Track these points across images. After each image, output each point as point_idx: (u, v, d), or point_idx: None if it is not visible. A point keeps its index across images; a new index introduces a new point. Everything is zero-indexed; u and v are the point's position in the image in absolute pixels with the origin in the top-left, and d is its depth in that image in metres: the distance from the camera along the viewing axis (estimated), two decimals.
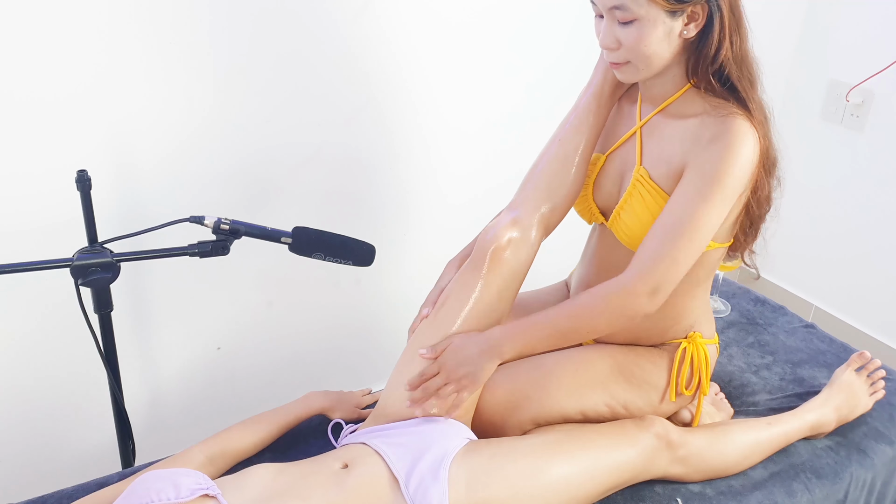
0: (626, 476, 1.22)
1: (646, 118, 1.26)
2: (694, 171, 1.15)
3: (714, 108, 1.16)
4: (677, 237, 1.13)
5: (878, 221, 2.23)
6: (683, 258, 1.14)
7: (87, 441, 1.73)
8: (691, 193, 1.14)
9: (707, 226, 1.14)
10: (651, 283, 1.14)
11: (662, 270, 1.14)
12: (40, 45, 1.37)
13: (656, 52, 1.12)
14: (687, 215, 1.13)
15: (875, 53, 2.12)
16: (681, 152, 1.18)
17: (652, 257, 1.14)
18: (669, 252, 1.14)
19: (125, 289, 1.60)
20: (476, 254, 1.27)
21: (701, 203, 1.13)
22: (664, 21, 1.10)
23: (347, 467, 1.12)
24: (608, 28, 1.13)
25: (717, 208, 1.14)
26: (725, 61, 1.14)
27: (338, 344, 2.00)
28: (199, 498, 1.02)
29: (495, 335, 1.20)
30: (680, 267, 1.15)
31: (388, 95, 1.78)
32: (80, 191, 1.22)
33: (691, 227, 1.13)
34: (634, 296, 1.15)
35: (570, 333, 1.21)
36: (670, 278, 1.15)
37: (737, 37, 1.14)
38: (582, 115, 1.29)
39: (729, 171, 1.12)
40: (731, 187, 1.13)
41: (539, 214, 1.28)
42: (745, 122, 1.13)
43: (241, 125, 1.62)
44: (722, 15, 1.11)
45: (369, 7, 1.66)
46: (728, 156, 1.12)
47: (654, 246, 1.15)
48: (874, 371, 1.48)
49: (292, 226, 1.31)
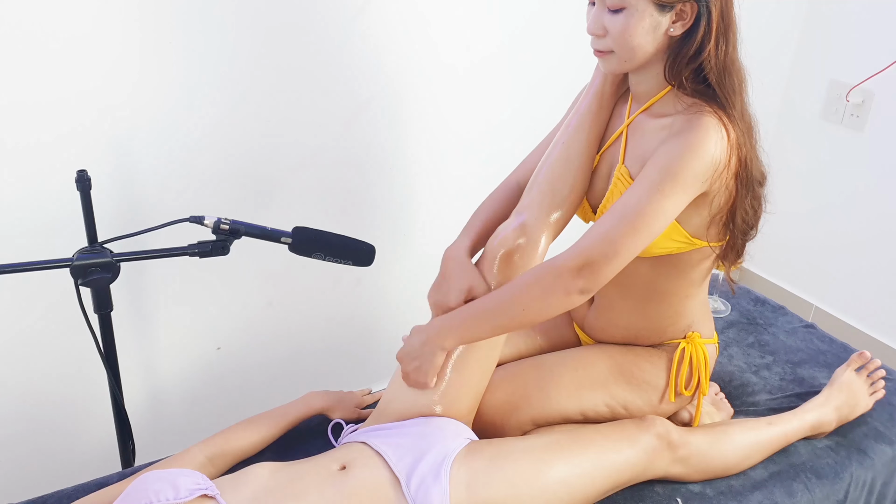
0: (626, 476, 1.22)
1: (632, 117, 1.26)
2: (652, 162, 1.14)
3: (687, 108, 1.15)
4: (619, 222, 1.11)
5: (878, 221, 2.23)
6: (623, 243, 1.11)
7: (87, 441, 1.73)
8: (644, 183, 1.12)
9: (655, 215, 1.11)
10: (580, 260, 1.11)
11: (596, 250, 1.11)
12: (40, 46, 1.37)
13: (640, 44, 1.12)
14: (634, 203, 1.12)
15: (875, 53, 2.12)
16: (652, 150, 1.18)
17: (588, 237, 1.13)
18: (607, 234, 1.11)
19: (125, 289, 1.60)
20: (485, 259, 1.27)
21: (651, 193, 1.11)
22: (652, 14, 1.10)
23: (347, 468, 1.12)
24: (597, 15, 1.14)
25: (669, 199, 1.11)
26: (706, 63, 1.12)
27: (338, 344, 2.00)
28: (197, 498, 1.02)
29: (434, 327, 1.21)
30: (618, 251, 1.11)
31: (388, 96, 1.79)
32: (80, 191, 1.22)
33: (636, 215, 1.11)
34: (562, 272, 1.12)
35: (505, 317, 1.17)
36: (604, 260, 1.11)
37: (723, 41, 1.12)
38: (584, 117, 1.29)
39: (684, 163, 1.10)
40: (685, 180, 1.11)
41: (546, 217, 1.28)
42: (712, 119, 1.12)
43: (241, 125, 1.62)
44: (710, 18, 1.10)
45: (369, 7, 1.66)
46: (686, 149, 1.11)
47: (595, 228, 1.14)
48: (874, 371, 1.48)
49: (292, 226, 1.31)
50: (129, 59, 1.46)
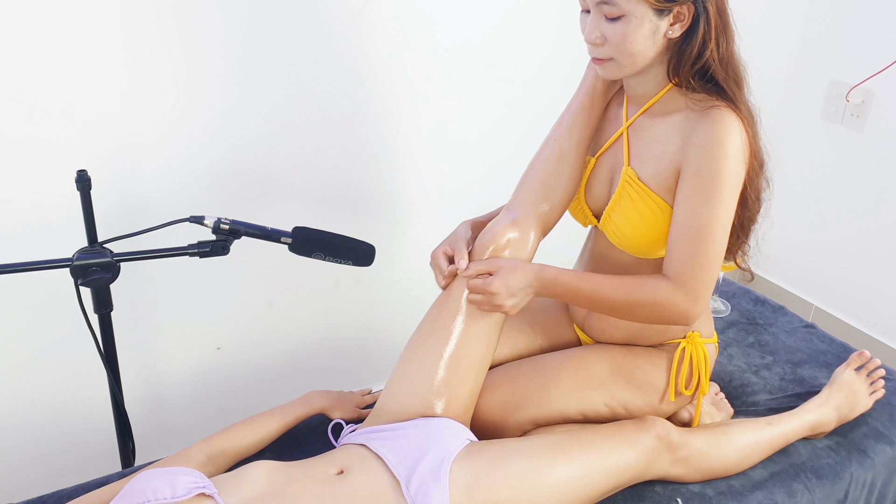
0: (626, 477, 1.22)
1: (631, 119, 1.26)
2: (690, 174, 1.15)
3: (696, 103, 1.17)
4: (699, 243, 1.14)
5: (878, 221, 2.23)
6: (711, 262, 1.15)
7: (87, 441, 1.73)
8: (699, 198, 1.14)
9: (721, 224, 1.15)
10: (693, 294, 1.16)
11: (699, 279, 1.15)
12: (40, 46, 1.37)
13: (641, 50, 1.13)
14: (703, 221, 1.14)
15: (875, 53, 2.12)
16: (670, 150, 1.19)
17: (684, 271, 1.16)
18: (700, 261, 1.15)
19: (125, 289, 1.60)
20: (475, 254, 1.27)
21: (709, 205, 1.14)
22: (651, 19, 1.10)
23: (345, 472, 1.11)
24: (594, 23, 1.13)
25: (727, 205, 1.15)
26: (710, 62, 1.14)
27: (338, 344, 2.00)
28: (195, 497, 1.02)
29: (546, 279, 1.21)
30: (712, 271, 1.16)
31: (388, 95, 1.79)
32: (80, 191, 1.22)
33: (709, 231, 1.14)
34: (679, 307, 1.17)
35: (604, 310, 1.24)
36: (707, 283, 1.16)
37: (723, 38, 1.14)
38: (575, 115, 1.30)
39: (724, 165, 1.13)
40: (730, 181, 1.14)
41: (537, 215, 1.28)
42: (729, 114, 1.14)
43: (241, 125, 1.62)
44: (708, 16, 1.11)
45: (368, 7, 1.66)
46: (719, 152, 1.13)
47: (682, 258, 1.16)
48: (874, 370, 1.48)
49: (292, 226, 1.31)
50: (129, 59, 1.46)
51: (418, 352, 1.25)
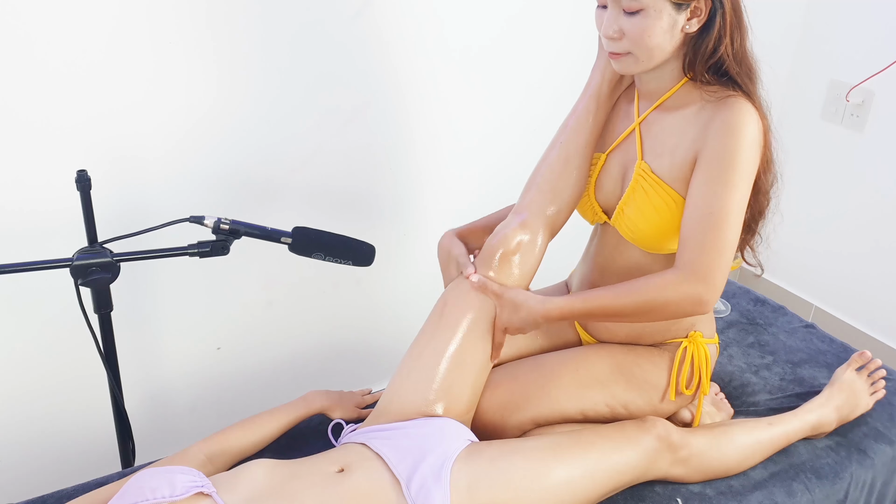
0: (627, 478, 1.22)
1: (644, 114, 1.26)
2: (706, 159, 1.15)
3: (712, 94, 1.17)
4: (714, 227, 1.13)
5: (878, 221, 2.23)
6: (725, 246, 1.14)
7: (87, 441, 1.72)
8: (712, 182, 1.14)
9: (736, 209, 1.14)
10: (708, 280, 1.14)
11: (714, 264, 1.14)
12: (40, 46, 1.37)
13: (659, 44, 1.13)
14: (718, 205, 1.13)
15: (875, 53, 2.12)
16: (685, 141, 1.19)
17: (699, 256, 1.14)
18: (714, 245, 1.14)
19: (125, 289, 1.60)
20: (484, 257, 1.27)
21: (726, 190, 1.13)
22: (670, 13, 1.10)
23: (346, 470, 1.11)
24: (612, 17, 1.13)
25: (742, 190, 1.14)
26: (725, 57, 1.15)
27: (338, 344, 2.00)
28: (194, 495, 1.02)
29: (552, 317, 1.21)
30: (726, 256, 1.15)
31: (388, 95, 1.78)
32: (80, 191, 1.22)
33: (724, 215, 1.13)
34: (693, 296, 1.15)
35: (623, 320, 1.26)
36: (722, 267, 1.15)
37: (737, 34, 1.15)
38: (581, 117, 1.30)
39: (740, 150, 1.13)
40: (746, 167, 1.14)
41: (545, 217, 1.28)
42: (745, 102, 1.14)
43: (241, 125, 1.62)
44: (724, 11, 1.12)
45: (368, 6, 1.66)
46: (734, 137, 1.13)
47: (696, 243, 1.15)
48: (875, 371, 1.48)
49: (292, 226, 1.31)
50: (130, 58, 1.46)
51: (423, 352, 1.25)
